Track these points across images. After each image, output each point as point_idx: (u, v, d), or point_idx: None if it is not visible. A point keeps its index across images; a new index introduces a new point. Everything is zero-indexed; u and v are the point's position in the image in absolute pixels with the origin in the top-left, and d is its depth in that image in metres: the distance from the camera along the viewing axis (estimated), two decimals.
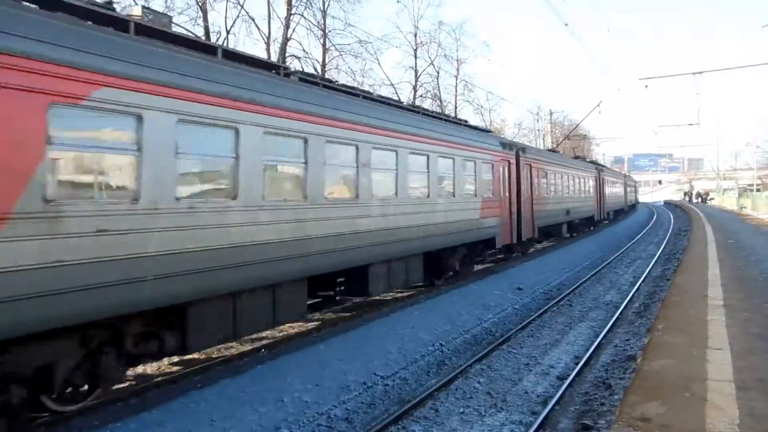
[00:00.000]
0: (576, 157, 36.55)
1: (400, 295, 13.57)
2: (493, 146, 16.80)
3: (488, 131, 21.44)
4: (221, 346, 9.36)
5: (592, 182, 32.97)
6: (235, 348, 9.32)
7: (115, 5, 7.07)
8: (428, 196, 12.36)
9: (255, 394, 6.96)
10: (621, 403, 5.82)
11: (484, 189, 15.63)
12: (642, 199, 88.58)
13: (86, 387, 6.39)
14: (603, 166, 45.00)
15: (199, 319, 6.97)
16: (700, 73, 27.10)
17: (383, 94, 17.10)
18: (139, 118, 6.09)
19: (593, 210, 33.02)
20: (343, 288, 10.89)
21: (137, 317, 6.38)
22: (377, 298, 12.55)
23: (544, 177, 22.12)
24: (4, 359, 5.24)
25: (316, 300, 10.91)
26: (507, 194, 17.59)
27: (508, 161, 17.88)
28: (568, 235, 28.00)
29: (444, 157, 13.18)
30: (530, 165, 20.13)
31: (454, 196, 13.68)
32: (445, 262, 14.15)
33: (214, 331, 7.29)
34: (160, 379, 7.80)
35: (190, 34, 16.17)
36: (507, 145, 18.66)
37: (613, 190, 43.32)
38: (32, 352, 5.44)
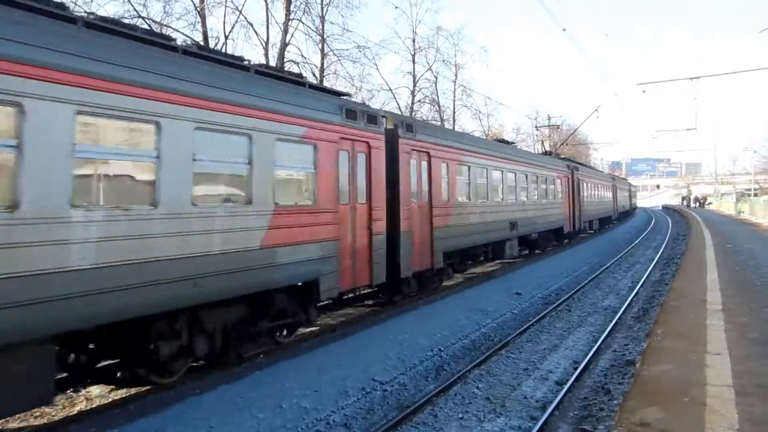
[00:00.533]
0: (548, 153, 30.65)
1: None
2: (320, 113, 9.69)
3: (342, 93, 11.94)
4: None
5: (560, 184, 26.15)
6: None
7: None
8: (22, 209, 5.33)
9: (253, 400, 6.95)
10: (620, 408, 5.82)
11: (284, 191, 8.89)
12: (640, 203, 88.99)
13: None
14: (580, 163, 36.42)
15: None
16: (698, 78, 27.06)
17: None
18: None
19: (562, 220, 25.98)
20: None
21: None
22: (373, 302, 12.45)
23: (459, 174, 15.23)
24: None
25: None
26: (364, 200, 11.03)
27: (367, 144, 11.11)
28: (527, 252, 22.41)
29: (125, 118, 6.37)
30: (428, 153, 13.39)
31: (153, 206, 6.62)
32: (175, 343, 7.39)
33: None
34: (157, 384, 7.78)
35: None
36: (366, 116, 11.18)
37: (597, 194, 36.25)
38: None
